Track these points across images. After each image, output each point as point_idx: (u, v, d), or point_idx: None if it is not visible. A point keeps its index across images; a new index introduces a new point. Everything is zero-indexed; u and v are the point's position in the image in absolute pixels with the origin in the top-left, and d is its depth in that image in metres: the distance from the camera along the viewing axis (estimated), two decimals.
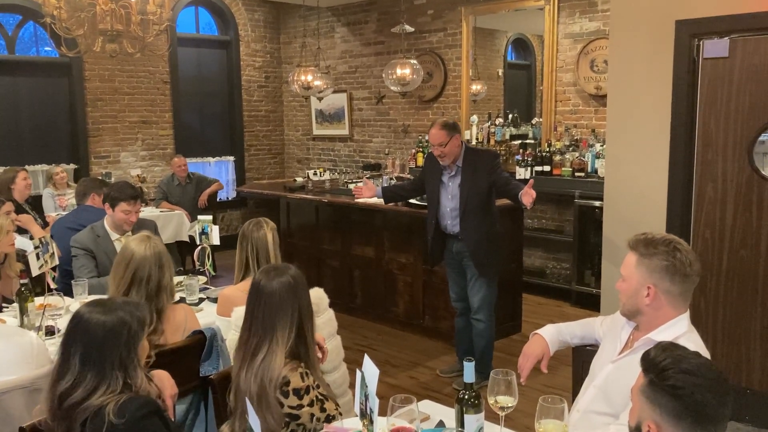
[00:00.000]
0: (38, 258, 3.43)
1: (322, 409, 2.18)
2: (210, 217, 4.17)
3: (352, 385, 2.72)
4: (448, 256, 4.37)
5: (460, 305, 4.43)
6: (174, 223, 6.70)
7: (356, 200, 5.40)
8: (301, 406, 2.14)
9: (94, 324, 1.84)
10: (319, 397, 2.19)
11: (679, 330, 2.02)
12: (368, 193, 4.70)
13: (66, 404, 1.79)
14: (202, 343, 2.70)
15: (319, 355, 2.40)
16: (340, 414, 2.24)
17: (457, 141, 4.10)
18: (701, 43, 3.67)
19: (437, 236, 4.33)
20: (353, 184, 6.34)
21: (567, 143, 6.33)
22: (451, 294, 4.48)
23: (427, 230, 4.42)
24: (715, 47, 3.61)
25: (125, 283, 2.68)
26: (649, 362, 1.51)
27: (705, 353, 1.88)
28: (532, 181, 3.96)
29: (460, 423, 1.87)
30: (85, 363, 1.81)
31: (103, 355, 1.82)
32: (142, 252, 2.71)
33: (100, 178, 6.58)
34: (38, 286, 3.64)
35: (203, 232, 4.02)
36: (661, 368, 1.47)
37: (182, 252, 7.00)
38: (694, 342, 1.98)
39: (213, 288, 3.81)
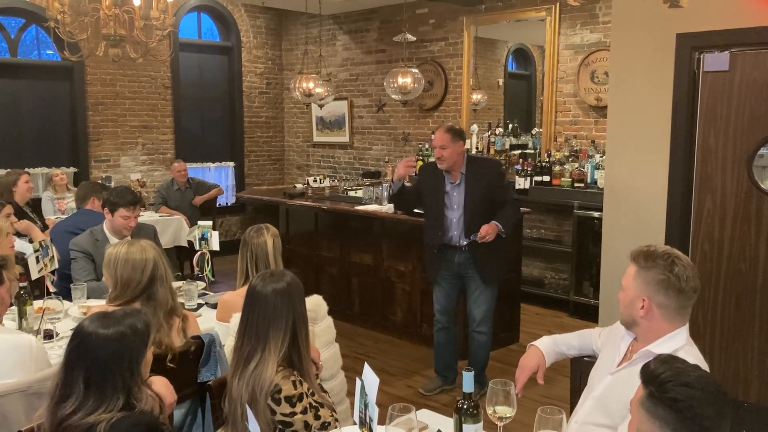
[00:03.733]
0: (38, 261, 3.43)
1: (317, 417, 2.18)
2: (210, 223, 4.18)
3: (349, 393, 2.72)
4: (445, 268, 4.20)
5: (444, 319, 4.27)
6: (173, 228, 6.70)
7: (356, 208, 5.35)
8: (293, 414, 2.13)
9: (97, 345, 1.80)
10: (314, 404, 2.19)
11: (678, 343, 2.03)
12: (402, 170, 4.18)
13: (65, 425, 1.76)
14: (201, 348, 2.70)
15: (315, 371, 2.39)
16: (337, 421, 2.24)
17: (460, 148, 4.03)
18: (702, 56, 3.69)
19: (441, 249, 4.16)
20: (353, 192, 6.35)
21: (567, 154, 6.35)
22: (436, 306, 4.29)
23: (429, 244, 4.22)
24: (715, 61, 3.64)
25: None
26: (648, 374, 1.51)
27: (704, 366, 1.88)
28: (495, 225, 3.96)
29: None
30: (89, 387, 1.77)
31: (105, 379, 1.78)
32: (116, 250, 2.79)
33: (100, 182, 6.58)
34: (37, 290, 3.65)
35: (203, 238, 4.02)
36: (661, 381, 1.47)
37: (181, 257, 6.99)
38: (693, 355, 1.98)
39: (212, 294, 3.81)
